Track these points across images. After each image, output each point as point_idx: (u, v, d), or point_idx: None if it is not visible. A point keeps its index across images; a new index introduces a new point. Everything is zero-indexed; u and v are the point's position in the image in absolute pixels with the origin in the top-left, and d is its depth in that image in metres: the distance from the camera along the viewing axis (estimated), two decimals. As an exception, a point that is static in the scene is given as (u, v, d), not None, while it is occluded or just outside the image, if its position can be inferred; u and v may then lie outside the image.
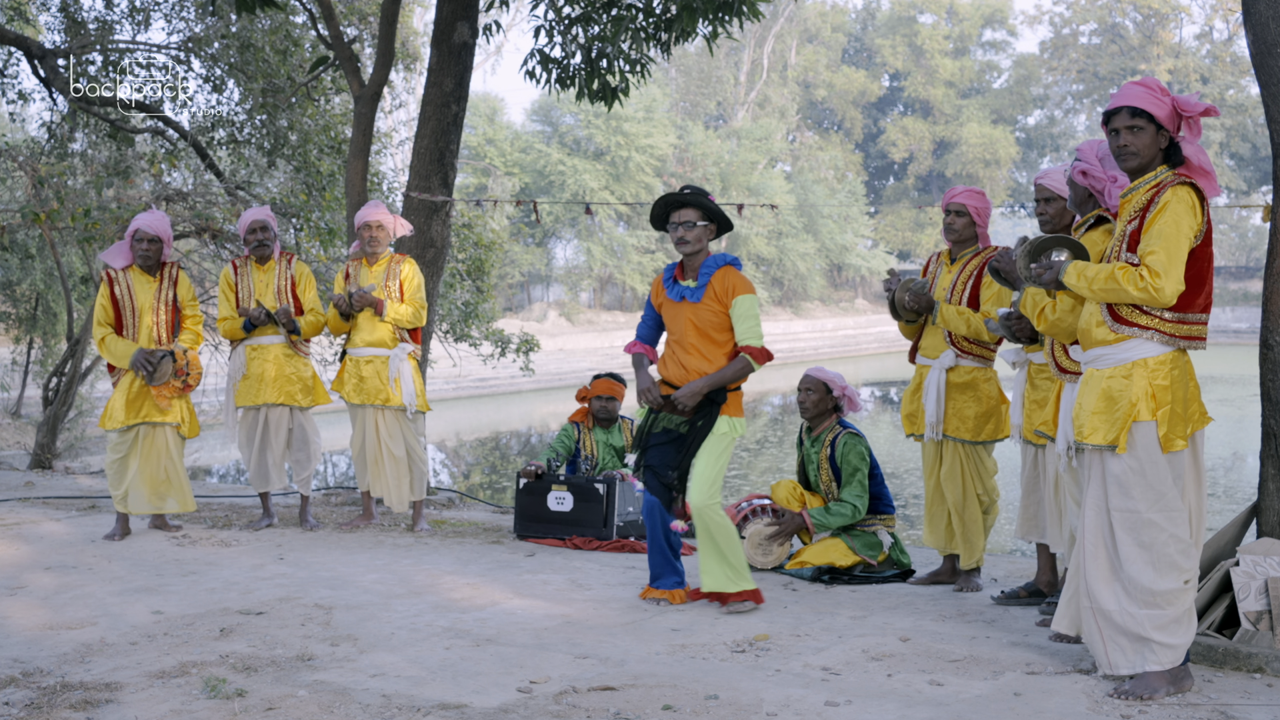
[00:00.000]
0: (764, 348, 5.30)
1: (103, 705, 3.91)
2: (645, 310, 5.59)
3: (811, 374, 6.34)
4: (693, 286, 5.34)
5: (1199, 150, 4.07)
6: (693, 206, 5.33)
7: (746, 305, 5.28)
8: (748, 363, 5.28)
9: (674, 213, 5.37)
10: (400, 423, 7.32)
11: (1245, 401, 22.36)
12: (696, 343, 5.33)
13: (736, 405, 5.38)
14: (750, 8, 8.40)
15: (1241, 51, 54.63)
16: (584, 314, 45.50)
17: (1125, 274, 3.96)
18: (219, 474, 17.22)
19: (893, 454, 18.70)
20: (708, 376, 5.26)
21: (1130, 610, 3.99)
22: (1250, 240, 60.66)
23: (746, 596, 5.33)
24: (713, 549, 5.30)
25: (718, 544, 5.28)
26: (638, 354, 5.53)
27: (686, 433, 5.33)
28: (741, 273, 5.35)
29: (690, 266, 5.40)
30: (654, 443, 5.42)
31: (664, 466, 5.38)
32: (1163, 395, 3.99)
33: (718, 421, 5.31)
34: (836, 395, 6.31)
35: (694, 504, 5.24)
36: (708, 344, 5.32)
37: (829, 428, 6.30)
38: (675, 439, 5.36)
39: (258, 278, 7.39)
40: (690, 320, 5.34)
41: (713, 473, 5.27)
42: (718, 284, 5.31)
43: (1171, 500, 3.99)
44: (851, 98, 62.35)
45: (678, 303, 5.40)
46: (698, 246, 5.34)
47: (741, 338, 5.30)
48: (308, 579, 5.92)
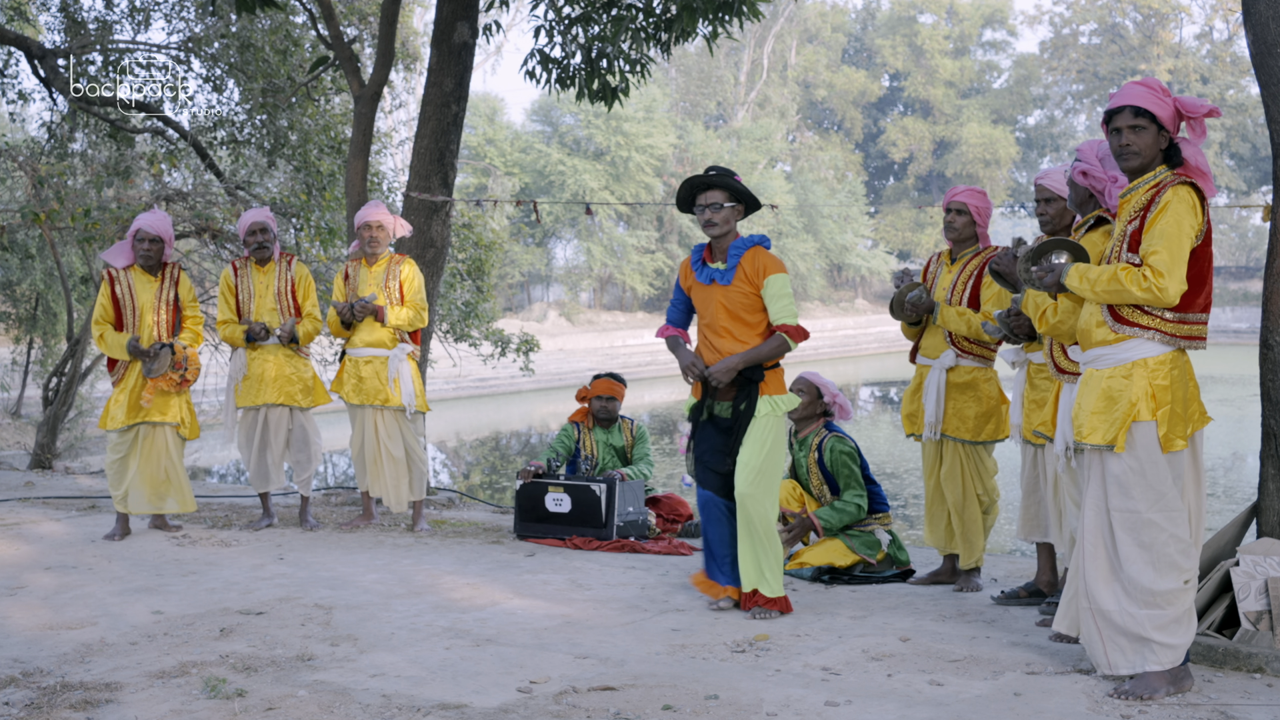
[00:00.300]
0: (800, 326, 5.18)
1: (103, 705, 3.91)
2: (674, 294, 5.47)
3: (805, 376, 6.34)
4: (722, 268, 5.22)
5: (1197, 151, 4.07)
6: (719, 188, 5.19)
7: (779, 284, 5.14)
8: (784, 340, 5.13)
9: (700, 194, 5.23)
10: (399, 423, 7.32)
11: (1245, 401, 22.36)
12: (728, 325, 5.20)
13: (776, 383, 5.21)
14: (750, 8, 8.40)
15: (1241, 51, 54.63)
16: (584, 314, 45.50)
17: (1128, 275, 3.96)
18: (219, 474, 17.22)
19: (893, 454, 18.71)
20: (742, 353, 5.13)
21: (1130, 610, 3.99)
22: (1250, 240, 60.66)
23: (778, 605, 5.19)
24: (749, 543, 5.15)
25: (755, 538, 5.13)
26: (672, 336, 5.41)
27: (731, 417, 5.19)
28: (771, 251, 5.23)
29: (719, 248, 5.26)
30: (703, 435, 5.30)
31: (715, 456, 5.24)
32: (1163, 395, 3.99)
33: (759, 403, 5.16)
34: (827, 401, 6.30)
35: (737, 492, 5.11)
36: (740, 326, 5.19)
37: (815, 431, 6.31)
38: (723, 428, 5.22)
39: (258, 279, 7.39)
40: (721, 303, 5.22)
41: (758, 460, 5.10)
42: (748, 265, 5.17)
43: (1171, 500, 3.99)
44: (851, 98, 62.34)
45: (707, 285, 5.27)
46: (725, 228, 5.20)
47: (776, 317, 5.16)
48: (308, 579, 5.92)
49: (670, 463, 18.82)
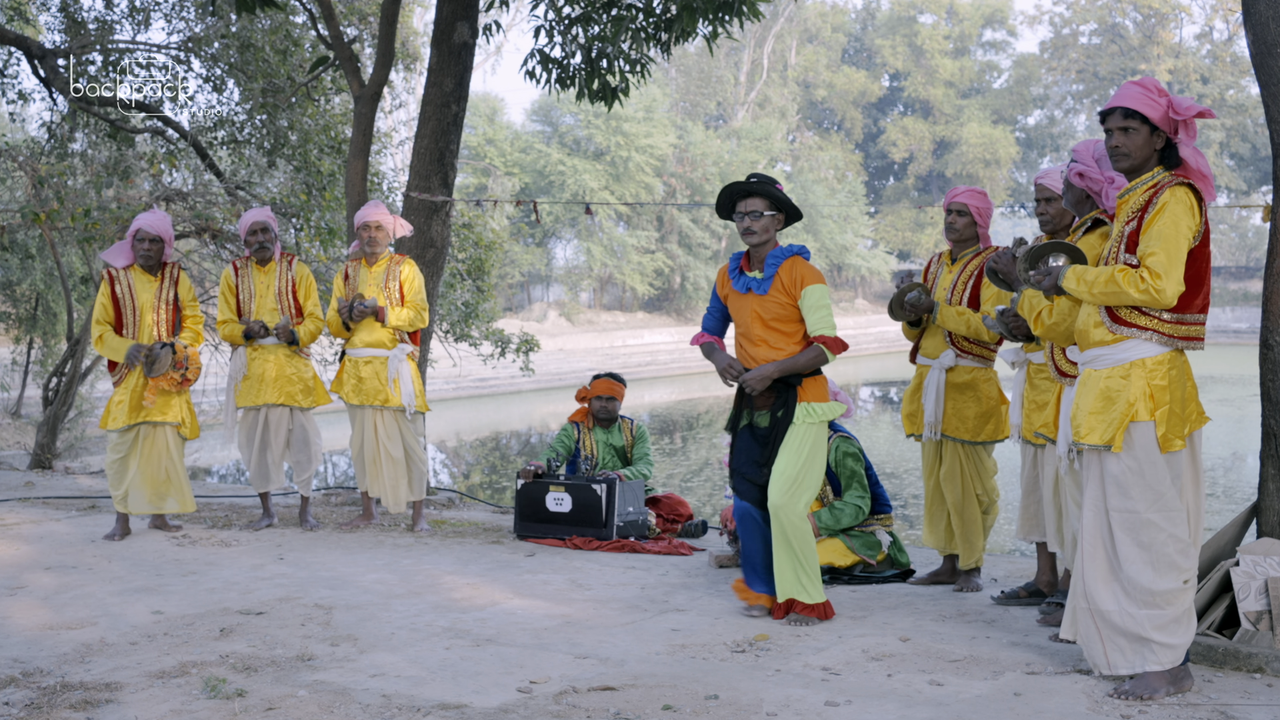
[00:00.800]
0: (838, 338, 5.08)
1: (103, 705, 3.91)
2: (711, 302, 5.39)
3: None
4: (759, 278, 5.12)
5: (1196, 153, 4.06)
6: (760, 195, 5.08)
7: (817, 295, 5.03)
8: (822, 352, 5.03)
9: (740, 201, 5.13)
10: (399, 423, 7.32)
11: (1245, 401, 22.36)
12: (764, 335, 5.11)
13: (816, 391, 5.11)
14: (750, 8, 8.40)
15: (1241, 51, 54.62)
16: (584, 314, 45.50)
17: (1126, 276, 3.96)
18: (219, 474, 17.22)
19: (892, 454, 18.71)
20: (779, 362, 5.04)
21: (1129, 610, 3.99)
22: (1250, 240, 60.65)
23: (816, 612, 5.08)
24: (785, 554, 5.05)
25: (792, 548, 5.01)
26: (707, 343, 5.34)
27: (768, 426, 5.10)
28: (810, 262, 5.15)
29: (756, 257, 5.16)
30: (740, 445, 5.21)
31: (751, 466, 5.14)
32: (1161, 395, 3.99)
33: (796, 410, 5.05)
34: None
35: (770, 504, 5.00)
36: (776, 336, 5.10)
37: None
38: (760, 437, 5.13)
39: (258, 279, 7.39)
40: (756, 312, 5.11)
41: (794, 470, 4.98)
42: (785, 275, 5.07)
43: (1170, 500, 3.99)
44: (851, 98, 62.33)
45: (744, 294, 5.18)
46: (765, 237, 5.09)
47: (813, 328, 5.05)
48: (308, 579, 5.92)
49: (670, 462, 18.83)
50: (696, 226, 47.08)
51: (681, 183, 47.32)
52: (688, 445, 22.00)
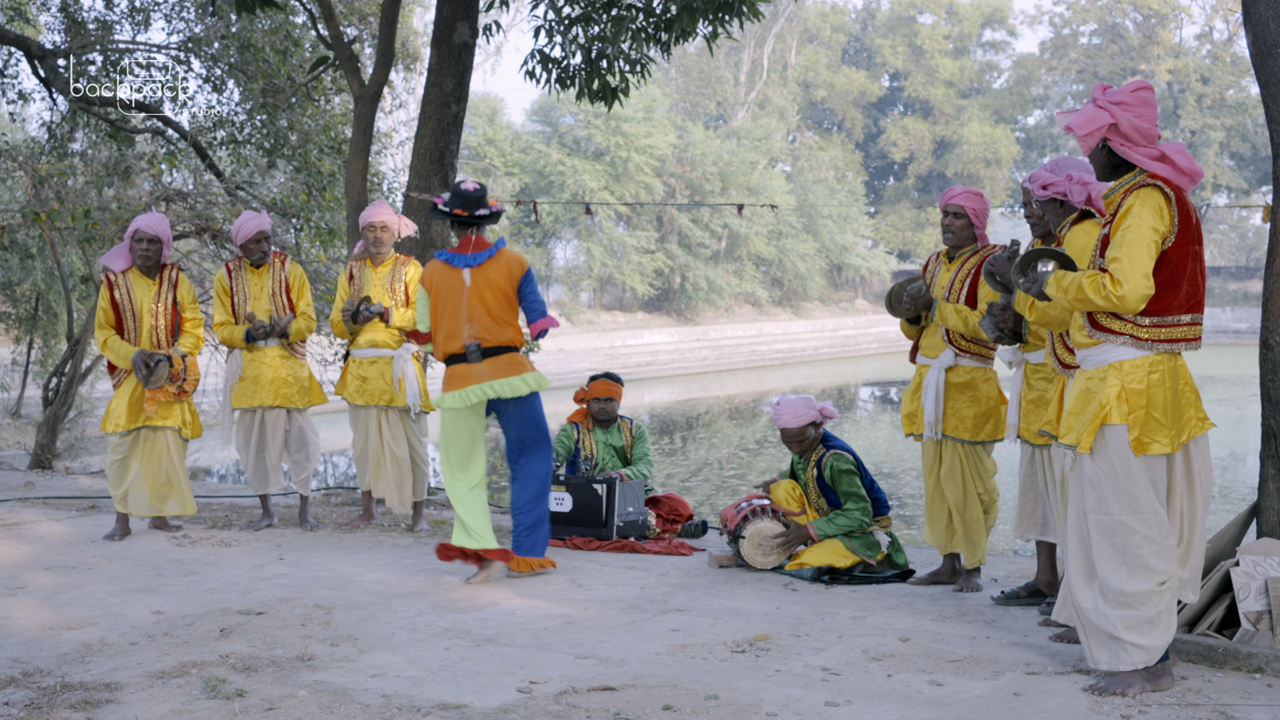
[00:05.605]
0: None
1: (103, 705, 3.91)
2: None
3: (788, 426, 6.20)
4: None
5: (1175, 148, 4.01)
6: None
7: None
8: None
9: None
10: (404, 423, 7.32)
11: (1245, 401, 22.36)
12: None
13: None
14: (750, 8, 8.40)
15: (1241, 51, 54.62)
16: (584, 314, 45.48)
17: (1091, 283, 3.95)
18: (219, 474, 17.22)
19: (892, 454, 18.71)
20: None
21: (1103, 610, 3.98)
22: (1250, 240, 60.65)
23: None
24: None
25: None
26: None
27: None
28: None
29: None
30: None
31: None
32: (1136, 399, 3.96)
33: None
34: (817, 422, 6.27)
35: None
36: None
37: (813, 448, 6.31)
38: None
39: (253, 281, 7.39)
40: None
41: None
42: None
43: (1145, 503, 3.96)
44: (851, 98, 62.33)
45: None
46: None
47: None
48: (308, 579, 5.92)
49: (670, 462, 18.84)
50: (696, 226, 47.06)
51: (681, 183, 47.30)
52: (688, 445, 22.01)
